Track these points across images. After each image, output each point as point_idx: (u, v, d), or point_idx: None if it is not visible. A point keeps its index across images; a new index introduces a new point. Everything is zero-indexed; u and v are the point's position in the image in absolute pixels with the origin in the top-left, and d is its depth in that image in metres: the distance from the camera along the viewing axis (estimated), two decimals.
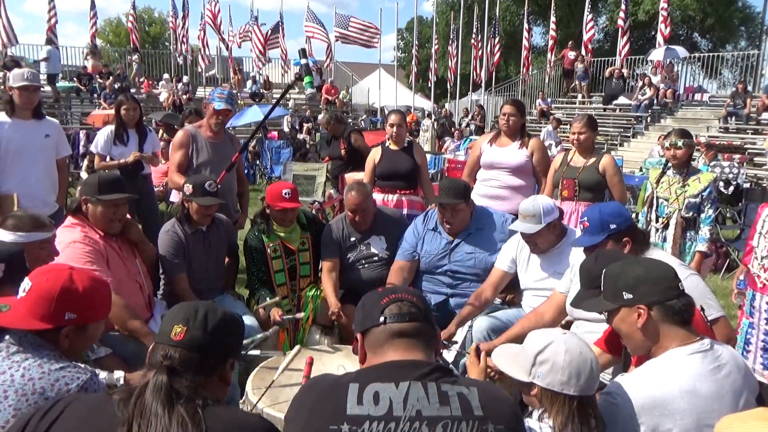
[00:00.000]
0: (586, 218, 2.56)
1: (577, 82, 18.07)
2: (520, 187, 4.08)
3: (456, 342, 2.94)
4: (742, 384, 1.60)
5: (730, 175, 8.44)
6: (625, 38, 17.76)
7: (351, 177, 5.39)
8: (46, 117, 3.98)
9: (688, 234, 3.73)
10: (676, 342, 1.62)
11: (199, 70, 20.25)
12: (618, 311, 1.69)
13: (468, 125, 18.09)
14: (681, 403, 1.52)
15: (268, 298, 3.29)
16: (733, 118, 13.68)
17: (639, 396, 1.55)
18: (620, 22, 18.15)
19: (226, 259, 3.52)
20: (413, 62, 22.25)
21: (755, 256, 3.29)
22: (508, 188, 4.08)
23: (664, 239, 3.78)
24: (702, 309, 2.06)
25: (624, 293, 1.66)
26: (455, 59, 21.81)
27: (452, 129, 17.55)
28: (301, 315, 3.28)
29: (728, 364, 1.61)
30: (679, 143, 3.76)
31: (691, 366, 1.58)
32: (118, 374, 2.07)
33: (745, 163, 10.07)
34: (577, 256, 2.78)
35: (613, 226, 2.44)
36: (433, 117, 17.81)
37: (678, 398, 1.53)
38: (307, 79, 3.59)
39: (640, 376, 1.62)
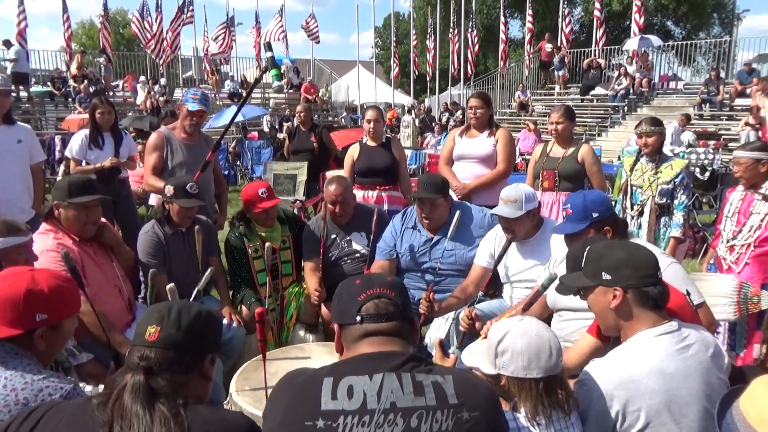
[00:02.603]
0: (569, 205, 2.56)
1: (556, 73, 18.20)
2: None
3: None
4: (710, 363, 1.63)
5: (706, 161, 8.53)
6: (602, 29, 17.94)
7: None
8: (18, 122, 3.91)
9: (662, 220, 3.78)
10: (645, 325, 1.65)
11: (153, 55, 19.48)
12: (594, 289, 1.73)
13: (449, 120, 18.08)
14: (649, 383, 1.56)
15: (253, 299, 3.30)
16: (707, 105, 13.90)
17: (609, 378, 1.58)
18: (596, 12, 18.34)
19: (208, 260, 3.50)
20: (392, 58, 22.21)
21: (722, 240, 3.35)
22: (477, 179, 4.11)
23: (639, 226, 3.83)
24: (688, 293, 2.09)
25: (603, 273, 1.69)
26: (433, 53, 21.83)
27: (432, 124, 17.57)
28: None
29: (695, 344, 1.64)
30: (650, 130, 3.81)
31: (657, 347, 1.61)
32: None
33: (720, 149, 10.21)
34: (557, 248, 2.80)
35: (595, 215, 2.46)
36: (413, 113, 17.78)
37: (646, 378, 1.56)
38: (273, 72, 3.57)
39: (610, 360, 1.66)
